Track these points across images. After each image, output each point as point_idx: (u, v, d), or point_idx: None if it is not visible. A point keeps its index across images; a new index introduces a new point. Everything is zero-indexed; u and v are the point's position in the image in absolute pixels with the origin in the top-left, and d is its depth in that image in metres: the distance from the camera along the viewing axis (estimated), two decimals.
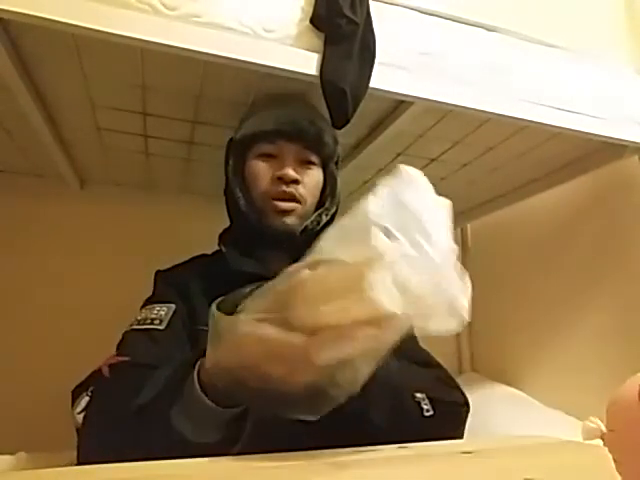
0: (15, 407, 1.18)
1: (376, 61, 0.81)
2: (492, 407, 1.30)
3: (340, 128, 0.83)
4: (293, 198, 0.79)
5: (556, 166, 1.27)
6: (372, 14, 0.82)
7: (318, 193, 0.84)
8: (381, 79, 0.81)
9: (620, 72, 1.06)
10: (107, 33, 0.67)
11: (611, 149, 1.10)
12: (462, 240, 1.81)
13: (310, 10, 0.78)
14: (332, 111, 0.80)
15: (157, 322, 0.72)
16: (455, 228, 1.90)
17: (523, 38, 0.97)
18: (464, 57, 0.89)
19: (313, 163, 0.83)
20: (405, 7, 0.87)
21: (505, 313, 1.58)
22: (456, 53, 0.88)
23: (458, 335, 1.76)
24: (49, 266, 1.34)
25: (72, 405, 0.64)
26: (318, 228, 0.81)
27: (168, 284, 0.80)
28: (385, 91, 0.83)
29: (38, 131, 1.00)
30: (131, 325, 0.73)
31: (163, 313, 0.74)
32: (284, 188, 0.78)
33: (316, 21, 0.78)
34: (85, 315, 1.31)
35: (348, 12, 0.78)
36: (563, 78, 0.98)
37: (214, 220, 0.88)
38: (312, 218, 0.81)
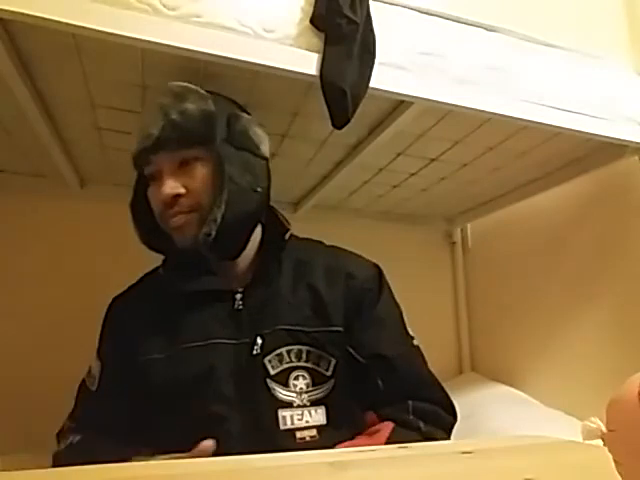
0: (14, 407, 1.17)
1: (376, 61, 0.80)
2: (492, 407, 1.30)
3: (340, 128, 0.83)
4: (181, 212, 0.73)
5: (556, 166, 1.27)
6: (372, 14, 0.82)
7: (211, 187, 0.73)
8: (381, 79, 0.81)
9: (620, 72, 1.06)
10: (107, 33, 0.67)
11: (611, 149, 1.10)
12: (462, 240, 1.81)
13: (310, 10, 0.78)
14: (332, 111, 0.80)
15: (91, 381, 0.77)
16: (455, 228, 1.91)
17: (523, 38, 0.97)
18: (464, 57, 0.89)
19: (195, 159, 0.73)
20: (405, 7, 0.87)
21: (505, 313, 1.58)
22: (456, 53, 0.88)
23: (458, 335, 1.76)
24: (49, 266, 1.34)
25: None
26: (215, 236, 0.70)
27: (108, 327, 0.82)
28: (385, 91, 0.83)
29: (38, 131, 1.00)
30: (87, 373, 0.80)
31: (96, 370, 0.78)
32: (169, 210, 0.73)
33: (316, 21, 0.78)
34: (85, 315, 1.30)
35: (348, 12, 0.78)
36: (563, 78, 0.98)
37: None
38: (203, 230, 0.70)
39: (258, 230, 0.82)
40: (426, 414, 0.73)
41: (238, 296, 0.76)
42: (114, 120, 1.02)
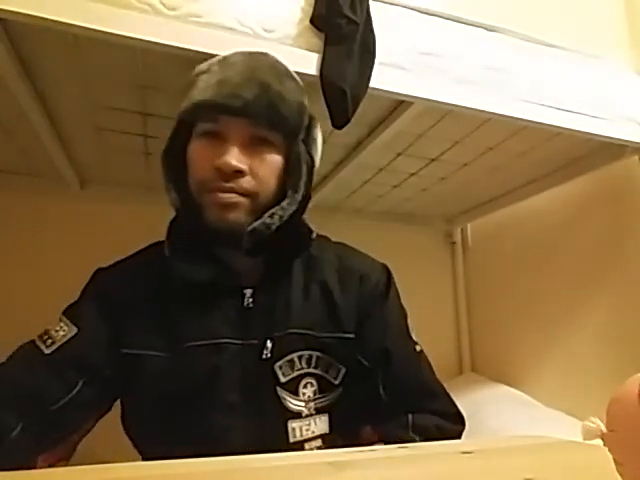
0: None
1: (376, 61, 0.81)
2: (492, 407, 1.30)
3: (340, 128, 0.83)
4: (235, 191, 0.63)
5: (556, 166, 1.27)
6: (372, 14, 0.82)
7: (276, 181, 0.66)
8: (381, 79, 0.81)
9: (620, 72, 1.06)
10: (107, 33, 0.67)
11: (611, 149, 1.10)
12: (462, 240, 1.81)
13: (310, 10, 0.78)
14: (332, 111, 0.79)
15: (48, 343, 0.65)
16: (455, 228, 1.91)
17: (523, 38, 0.97)
18: (464, 57, 0.89)
19: (269, 142, 0.65)
20: (405, 7, 0.87)
21: (505, 313, 1.58)
22: (456, 53, 0.88)
23: (458, 335, 1.76)
24: (49, 266, 1.34)
25: None
26: (269, 232, 0.64)
27: (96, 295, 0.70)
28: (385, 91, 0.83)
29: (38, 131, 1.00)
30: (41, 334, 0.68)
31: (61, 334, 0.66)
32: (222, 183, 0.62)
33: (316, 21, 0.78)
34: None
35: (348, 12, 0.78)
36: (563, 78, 0.98)
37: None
38: (262, 219, 0.63)
39: None
40: (427, 430, 0.68)
41: (248, 292, 0.68)
42: (114, 120, 1.02)
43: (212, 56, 0.73)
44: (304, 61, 0.78)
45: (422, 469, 0.45)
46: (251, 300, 0.68)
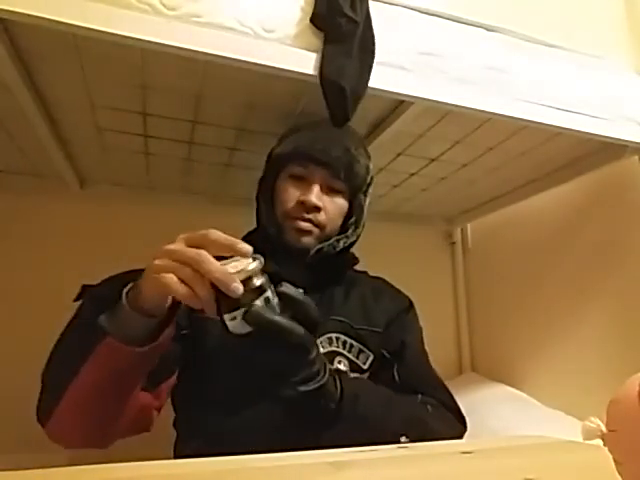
0: (14, 407, 1.17)
1: (376, 61, 0.80)
2: (492, 407, 1.30)
3: (340, 127, 0.83)
4: (311, 221, 0.82)
5: (556, 166, 1.27)
6: (372, 14, 0.82)
7: (340, 221, 0.87)
8: (381, 79, 0.81)
9: (620, 72, 1.06)
10: (107, 33, 0.67)
11: (611, 149, 1.10)
12: (462, 240, 1.81)
13: (310, 10, 0.78)
14: (331, 110, 0.80)
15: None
16: (455, 228, 1.91)
17: (523, 38, 0.97)
18: (464, 57, 0.89)
19: (340, 192, 0.86)
20: (405, 7, 0.87)
21: (505, 313, 1.58)
22: (456, 53, 0.88)
23: (458, 335, 1.76)
24: (49, 266, 1.34)
25: None
26: (333, 252, 0.84)
27: None
28: (385, 91, 0.83)
29: (38, 131, 1.00)
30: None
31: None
32: (304, 214, 0.81)
33: (316, 20, 0.78)
34: None
35: (348, 11, 0.78)
36: (563, 78, 0.98)
37: (214, 220, 0.88)
38: (330, 242, 0.83)
39: None
40: (435, 407, 0.78)
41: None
42: (114, 120, 1.02)
43: (212, 56, 0.73)
44: (304, 61, 0.78)
45: (422, 469, 0.45)
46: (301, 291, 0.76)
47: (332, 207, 0.84)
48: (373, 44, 0.80)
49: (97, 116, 1.01)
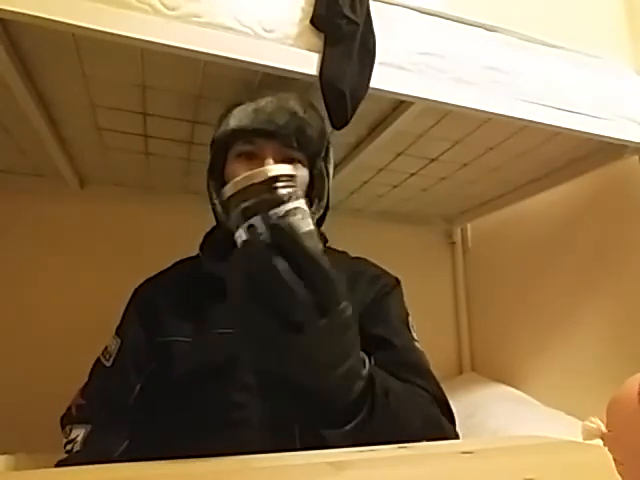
0: (14, 407, 1.18)
1: (376, 61, 0.81)
2: (492, 407, 1.30)
3: (339, 129, 0.83)
4: None
5: (556, 166, 1.27)
6: (372, 14, 0.82)
7: (303, 194, 0.75)
8: (381, 79, 0.81)
9: (620, 72, 1.06)
10: (107, 33, 0.67)
11: (611, 149, 1.10)
12: (462, 240, 1.81)
13: (310, 10, 0.78)
14: (331, 112, 0.80)
15: (107, 357, 0.79)
16: (455, 228, 1.91)
17: (523, 38, 0.97)
18: (464, 57, 0.89)
19: (296, 161, 0.76)
20: (405, 7, 0.87)
21: (505, 313, 1.58)
22: (456, 53, 0.88)
23: (458, 335, 1.76)
24: (49, 266, 1.34)
25: (62, 430, 0.75)
26: None
27: (134, 306, 0.82)
28: (385, 91, 0.83)
29: (38, 131, 1.00)
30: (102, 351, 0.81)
31: (113, 347, 0.79)
32: None
33: (316, 21, 0.78)
34: (84, 315, 1.31)
35: (348, 12, 0.78)
36: (563, 78, 0.98)
37: (214, 220, 0.88)
38: None
39: None
40: (428, 399, 0.67)
41: None
42: (114, 120, 1.02)
43: (212, 56, 0.73)
44: (304, 61, 0.78)
45: (422, 469, 0.45)
46: None
47: None
48: (374, 46, 0.80)
49: (97, 116, 1.01)
